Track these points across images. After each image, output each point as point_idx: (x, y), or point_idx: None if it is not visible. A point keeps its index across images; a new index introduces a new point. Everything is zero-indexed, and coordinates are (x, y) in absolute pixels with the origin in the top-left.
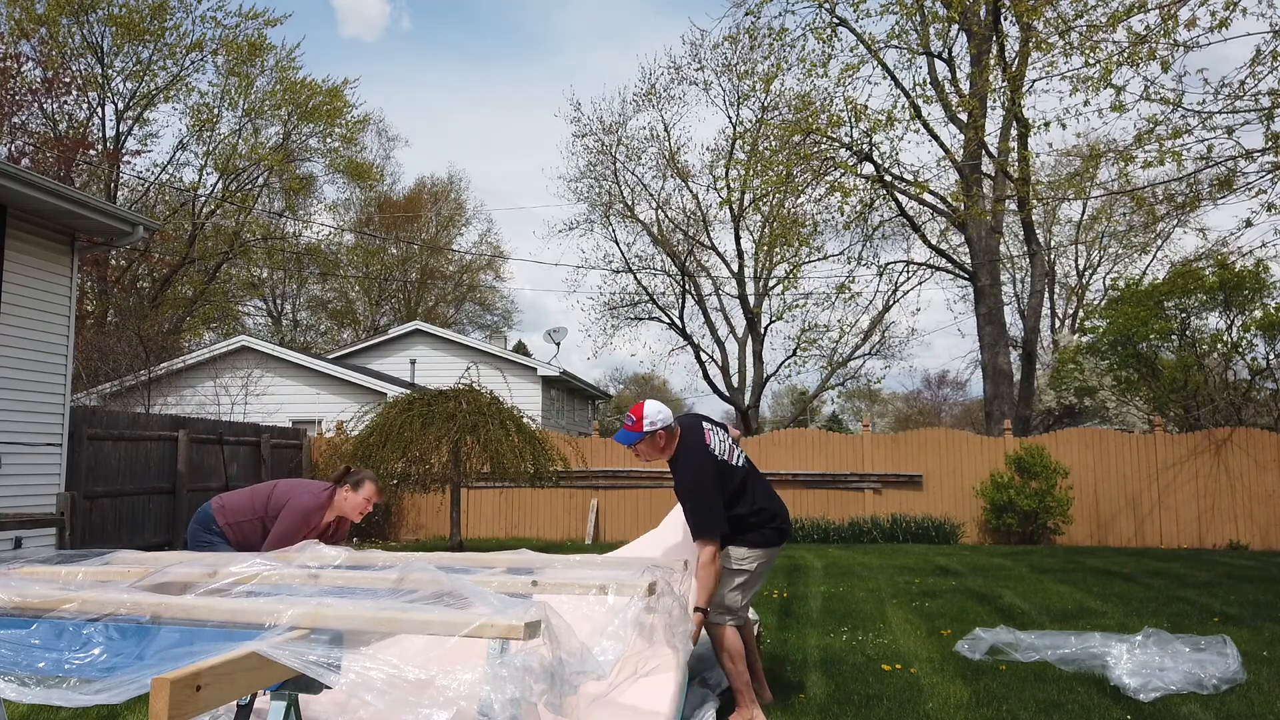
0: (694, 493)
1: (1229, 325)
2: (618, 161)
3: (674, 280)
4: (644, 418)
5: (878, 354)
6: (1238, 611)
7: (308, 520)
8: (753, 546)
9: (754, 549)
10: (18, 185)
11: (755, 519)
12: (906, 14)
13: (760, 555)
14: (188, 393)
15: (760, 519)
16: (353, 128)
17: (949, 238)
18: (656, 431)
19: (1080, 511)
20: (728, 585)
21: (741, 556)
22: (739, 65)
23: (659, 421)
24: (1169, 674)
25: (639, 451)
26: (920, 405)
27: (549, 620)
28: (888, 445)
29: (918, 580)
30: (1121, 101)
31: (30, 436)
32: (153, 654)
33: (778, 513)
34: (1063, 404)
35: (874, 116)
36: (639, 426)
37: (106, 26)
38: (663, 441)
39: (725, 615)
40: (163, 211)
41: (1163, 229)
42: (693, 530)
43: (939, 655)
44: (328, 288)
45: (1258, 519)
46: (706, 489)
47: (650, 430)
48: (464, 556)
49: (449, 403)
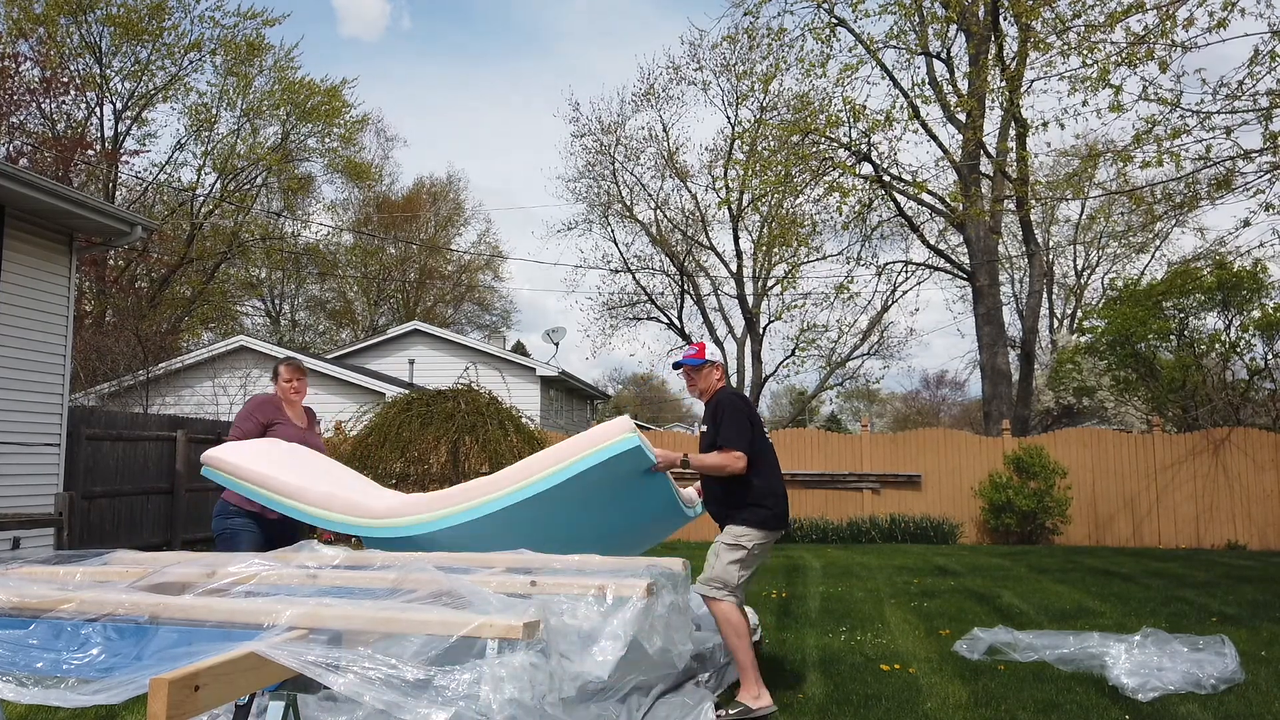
0: (729, 420)
1: (1227, 325)
2: (616, 161)
3: (673, 280)
4: (707, 348)
5: (876, 354)
6: (1236, 611)
7: (251, 414)
8: (751, 525)
9: (752, 529)
10: (16, 185)
11: (762, 494)
12: (905, 14)
13: (759, 536)
14: (186, 393)
15: (766, 498)
16: (351, 128)
17: (947, 238)
18: (716, 364)
19: (1079, 511)
20: (725, 559)
21: (740, 533)
22: (738, 65)
23: (718, 359)
24: (1167, 674)
25: (691, 380)
26: (919, 405)
27: (548, 620)
28: (886, 445)
29: (916, 580)
30: (1120, 102)
31: (28, 436)
32: (151, 654)
33: (781, 498)
34: (1061, 404)
35: (872, 117)
36: (702, 354)
37: (105, 26)
38: (716, 376)
39: (722, 589)
40: (161, 211)
41: (1161, 229)
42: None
43: (937, 655)
44: (326, 288)
45: (1256, 519)
46: (741, 421)
47: (711, 360)
48: (463, 556)
49: (447, 403)
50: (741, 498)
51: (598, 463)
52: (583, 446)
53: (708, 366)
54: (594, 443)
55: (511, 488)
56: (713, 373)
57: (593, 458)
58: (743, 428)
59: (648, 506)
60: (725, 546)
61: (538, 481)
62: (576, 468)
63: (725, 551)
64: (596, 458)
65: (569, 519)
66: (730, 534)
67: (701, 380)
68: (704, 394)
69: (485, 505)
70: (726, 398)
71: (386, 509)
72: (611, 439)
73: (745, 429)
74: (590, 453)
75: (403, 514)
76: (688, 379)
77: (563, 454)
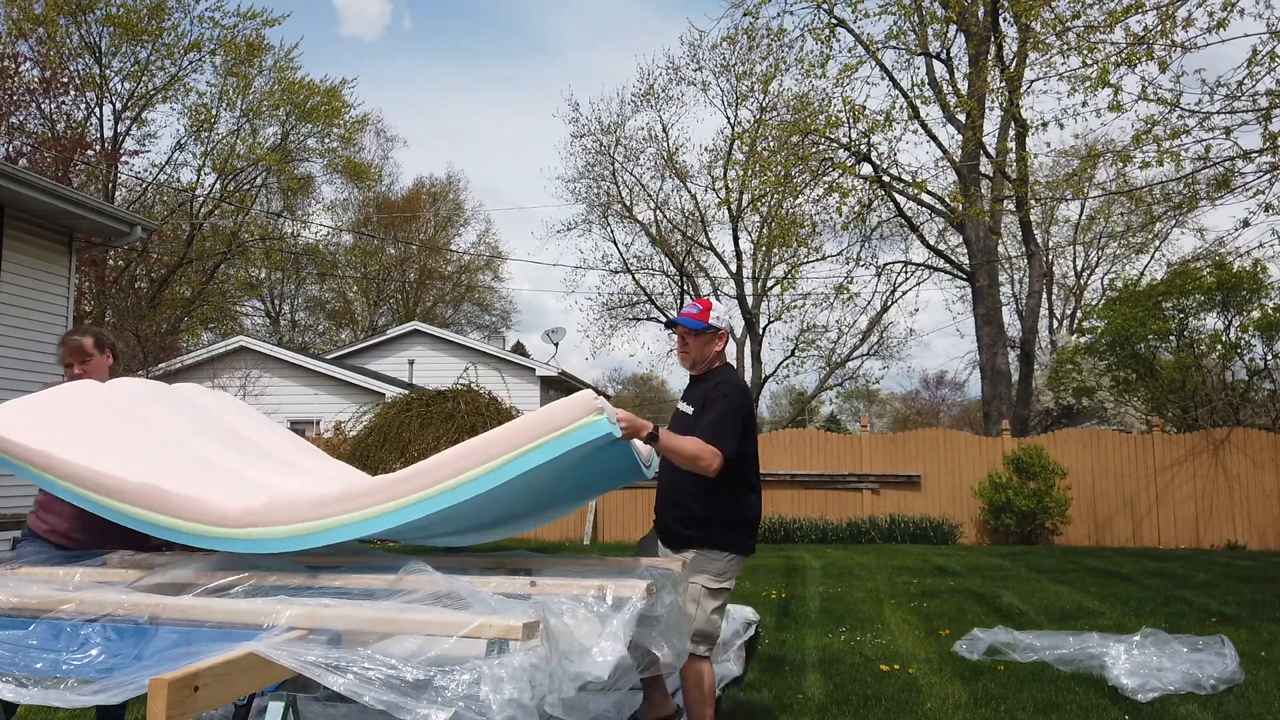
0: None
1: (1227, 326)
2: (616, 162)
3: (672, 281)
4: (712, 310)
5: (876, 354)
6: (1235, 612)
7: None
8: (735, 552)
9: (736, 555)
10: (16, 185)
11: (754, 510)
12: (904, 14)
13: (738, 567)
14: None
15: (756, 515)
16: (351, 128)
17: (947, 238)
18: (720, 332)
19: (1078, 512)
20: (708, 607)
21: (722, 569)
22: (737, 66)
23: (724, 325)
24: (1167, 674)
25: (687, 344)
26: (918, 406)
27: (547, 621)
28: (886, 446)
29: (916, 580)
30: (1119, 102)
31: None
32: (150, 654)
33: (759, 516)
34: (1061, 404)
35: (872, 117)
36: (704, 316)
37: (104, 26)
38: (717, 347)
39: (702, 645)
40: (161, 212)
41: (1160, 229)
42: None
43: (937, 655)
44: (326, 288)
45: (1255, 519)
46: (738, 419)
47: (714, 326)
48: (462, 557)
49: (447, 403)
50: (730, 512)
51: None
52: (540, 431)
53: (708, 333)
54: (553, 426)
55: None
56: (714, 342)
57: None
58: (736, 427)
59: (601, 474)
60: (707, 592)
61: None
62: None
63: (708, 599)
64: (558, 446)
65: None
66: (711, 569)
67: (698, 348)
68: (697, 365)
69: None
70: (732, 383)
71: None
72: (575, 421)
73: (738, 428)
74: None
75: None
76: (680, 343)
77: (514, 440)
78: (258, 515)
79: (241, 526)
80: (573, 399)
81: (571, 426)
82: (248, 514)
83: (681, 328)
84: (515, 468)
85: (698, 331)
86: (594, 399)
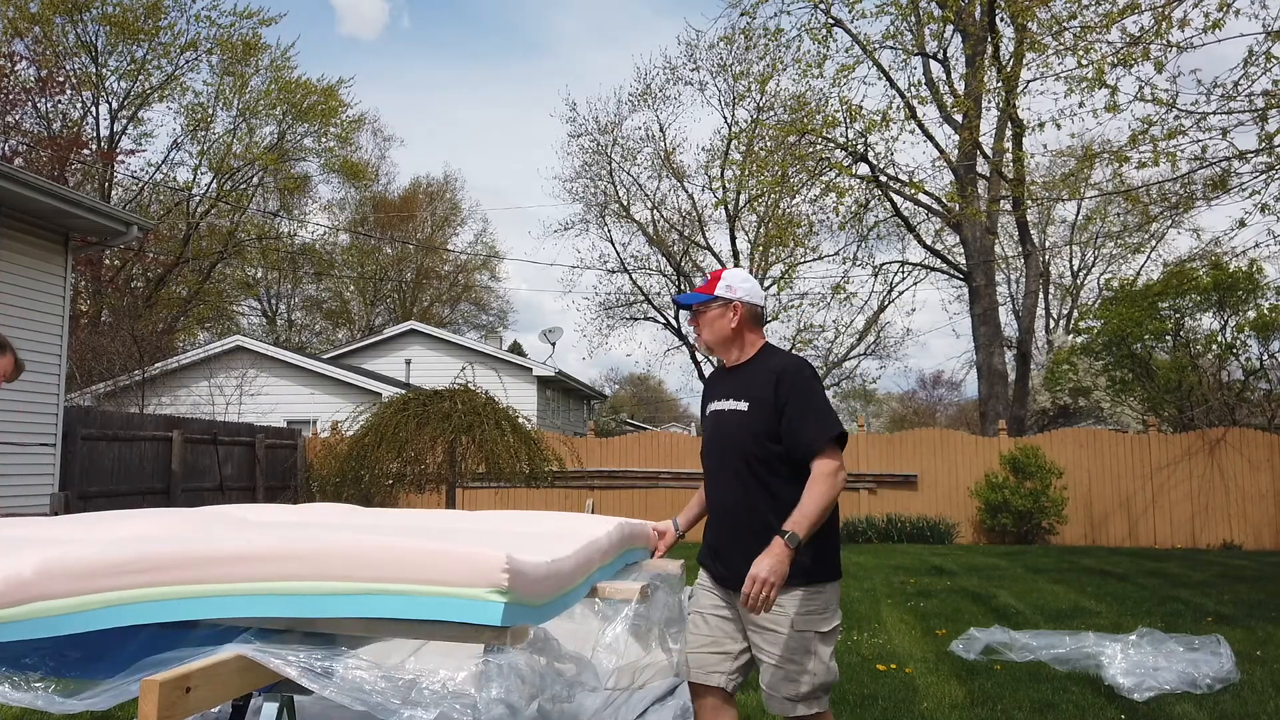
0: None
1: (1223, 326)
2: (613, 161)
3: (669, 280)
4: (721, 279)
5: (873, 354)
6: (1231, 611)
7: None
8: (836, 580)
9: (836, 585)
10: (11, 184)
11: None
12: (901, 14)
13: (838, 595)
14: (182, 393)
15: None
16: (348, 127)
17: (944, 238)
18: (731, 303)
19: (1074, 511)
20: (824, 652)
21: (829, 600)
22: (734, 66)
23: (742, 292)
24: (1163, 674)
25: (699, 329)
26: (915, 405)
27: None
28: (883, 445)
29: (912, 580)
30: (1116, 102)
31: (24, 437)
32: (140, 656)
33: None
34: (1057, 404)
35: (869, 117)
36: (710, 288)
37: (100, 25)
38: (735, 321)
39: (826, 697)
40: (157, 211)
41: (1157, 229)
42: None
43: (934, 655)
44: (322, 288)
45: (1251, 519)
46: (824, 398)
47: (725, 297)
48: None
49: (444, 403)
50: (831, 537)
51: (419, 616)
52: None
53: (717, 306)
54: (432, 578)
55: (272, 588)
56: (727, 315)
57: (415, 601)
58: (830, 407)
59: None
60: (820, 636)
61: (323, 597)
62: (379, 605)
63: (821, 643)
64: (420, 606)
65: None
66: (818, 603)
67: (708, 327)
68: (722, 349)
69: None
70: (795, 363)
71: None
72: (462, 588)
73: (831, 408)
74: (413, 591)
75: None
76: (697, 330)
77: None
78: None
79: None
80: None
81: (452, 591)
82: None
83: (689, 307)
84: (361, 604)
85: (703, 306)
86: (502, 569)
